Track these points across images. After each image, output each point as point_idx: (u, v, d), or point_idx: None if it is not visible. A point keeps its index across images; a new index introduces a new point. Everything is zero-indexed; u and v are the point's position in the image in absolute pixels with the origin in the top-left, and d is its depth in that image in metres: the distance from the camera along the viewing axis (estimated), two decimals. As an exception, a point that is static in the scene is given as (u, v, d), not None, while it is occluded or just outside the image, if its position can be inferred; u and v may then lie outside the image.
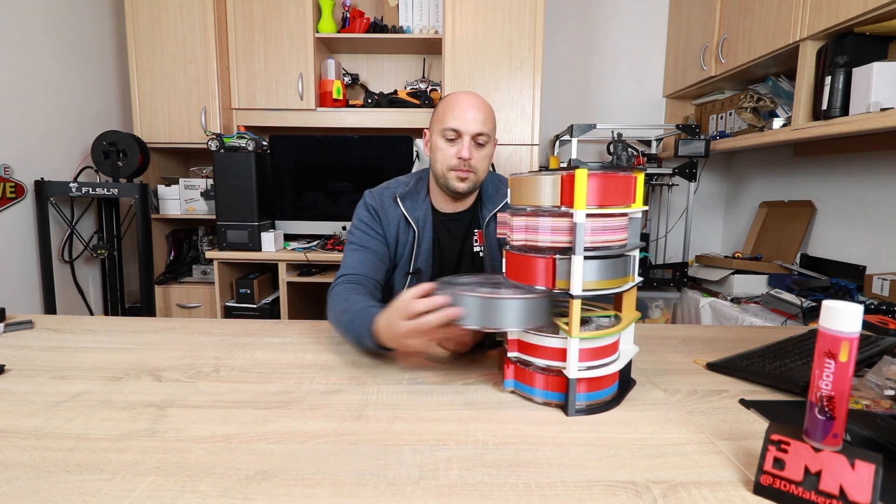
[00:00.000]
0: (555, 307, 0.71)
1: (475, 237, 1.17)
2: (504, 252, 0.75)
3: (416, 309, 0.71)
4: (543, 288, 0.68)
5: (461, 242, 1.18)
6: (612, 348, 0.71)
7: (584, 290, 0.65)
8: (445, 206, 1.17)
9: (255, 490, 0.50)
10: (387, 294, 1.17)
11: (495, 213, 1.15)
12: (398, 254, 1.15)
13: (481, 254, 1.17)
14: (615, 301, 0.78)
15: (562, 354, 0.68)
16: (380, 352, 0.86)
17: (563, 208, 0.66)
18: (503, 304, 0.67)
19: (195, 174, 2.56)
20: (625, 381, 0.76)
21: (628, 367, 0.77)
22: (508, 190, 1.14)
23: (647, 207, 0.73)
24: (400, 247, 1.14)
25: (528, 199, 0.70)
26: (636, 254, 0.72)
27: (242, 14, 2.37)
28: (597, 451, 0.59)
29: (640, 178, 0.70)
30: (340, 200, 2.46)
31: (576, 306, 0.65)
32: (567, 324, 0.67)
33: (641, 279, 0.75)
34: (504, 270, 0.75)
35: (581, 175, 0.62)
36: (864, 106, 1.48)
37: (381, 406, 0.70)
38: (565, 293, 0.65)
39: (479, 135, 1.06)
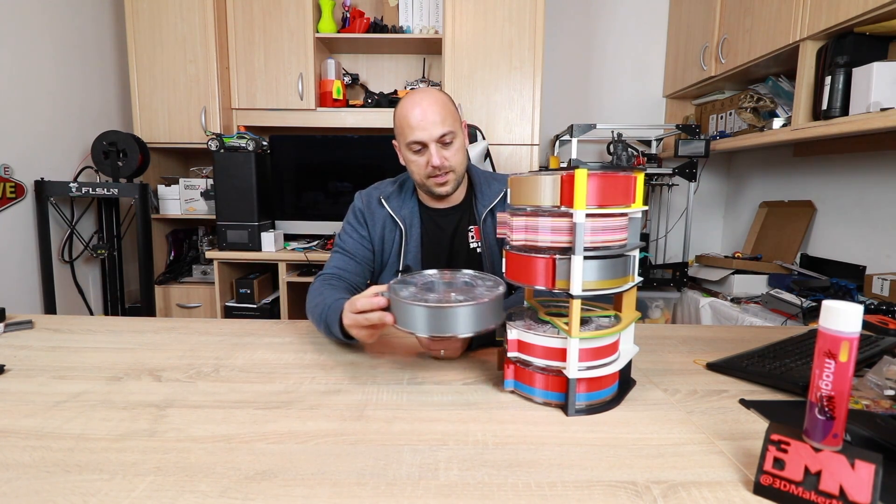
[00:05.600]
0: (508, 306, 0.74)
1: (471, 234, 1.17)
2: (504, 252, 0.75)
3: (357, 306, 0.78)
4: (500, 289, 0.73)
5: (452, 237, 1.17)
6: (612, 348, 0.71)
7: (583, 290, 0.65)
8: (435, 203, 1.17)
9: (255, 490, 0.50)
10: None
11: (492, 209, 1.14)
12: (386, 253, 1.16)
13: (479, 250, 1.16)
14: (615, 301, 0.78)
15: (562, 354, 0.68)
16: (346, 342, 0.92)
17: (563, 208, 0.66)
18: (451, 313, 0.68)
19: (195, 174, 2.56)
20: (625, 380, 0.76)
21: (628, 367, 0.77)
22: (504, 187, 1.17)
23: (647, 207, 0.73)
24: (387, 246, 1.16)
25: (527, 199, 0.70)
26: (636, 254, 0.72)
27: (242, 14, 2.37)
28: (597, 451, 0.59)
29: (640, 178, 0.70)
30: (340, 200, 2.45)
31: (576, 306, 0.65)
32: (567, 324, 0.67)
33: (641, 279, 0.75)
34: (504, 270, 0.75)
35: (581, 175, 0.62)
36: (864, 106, 1.48)
37: (381, 406, 0.70)
38: (565, 293, 0.65)
39: (443, 135, 1.04)
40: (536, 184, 0.68)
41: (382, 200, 1.15)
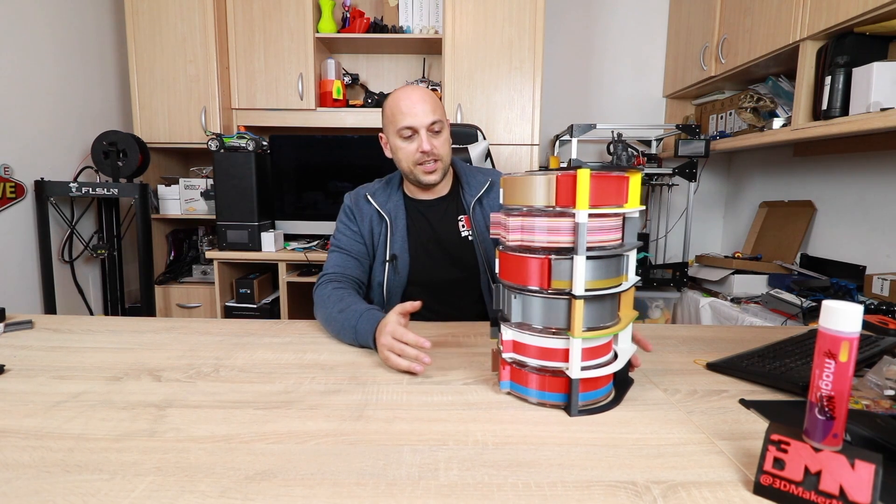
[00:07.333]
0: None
1: (461, 223, 1.22)
2: (497, 252, 0.74)
3: (407, 339, 0.81)
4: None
5: (440, 227, 1.22)
6: (607, 348, 0.71)
7: (586, 291, 0.65)
8: (420, 194, 1.23)
9: (255, 490, 0.50)
10: (369, 285, 1.25)
11: (479, 199, 1.21)
12: (375, 245, 1.22)
13: (470, 237, 1.21)
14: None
15: (557, 354, 0.68)
16: (374, 350, 0.90)
17: (557, 208, 0.66)
18: (565, 305, 0.67)
19: (195, 174, 2.56)
20: (623, 380, 0.76)
21: (626, 366, 0.77)
22: (488, 178, 1.23)
23: (643, 207, 0.73)
24: (375, 238, 1.22)
25: (521, 199, 0.70)
26: (632, 254, 0.72)
27: (242, 14, 2.37)
28: (597, 451, 0.59)
29: (637, 178, 0.70)
30: (340, 200, 2.43)
31: (578, 306, 0.65)
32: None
33: (639, 279, 0.75)
34: (497, 270, 0.75)
35: (584, 175, 0.62)
36: (864, 106, 1.48)
37: (381, 406, 0.70)
38: (568, 293, 0.65)
39: (433, 123, 1.10)
40: (530, 184, 0.68)
41: (369, 197, 1.23)
